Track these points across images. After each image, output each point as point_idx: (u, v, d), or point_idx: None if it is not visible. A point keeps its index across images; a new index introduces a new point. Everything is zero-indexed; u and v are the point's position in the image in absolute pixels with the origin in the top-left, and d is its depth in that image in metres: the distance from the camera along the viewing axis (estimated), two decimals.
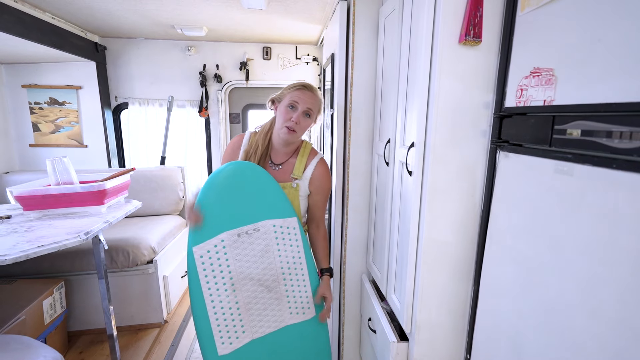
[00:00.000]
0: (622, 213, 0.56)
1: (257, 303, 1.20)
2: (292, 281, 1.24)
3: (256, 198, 1.20)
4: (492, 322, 0.94)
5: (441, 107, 0.96)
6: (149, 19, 2.37)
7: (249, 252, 1.18)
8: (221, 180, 1.17)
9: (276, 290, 1.22)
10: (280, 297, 1.23)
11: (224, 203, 1.16)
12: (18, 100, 2.83)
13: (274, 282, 1.21)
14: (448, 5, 0.90)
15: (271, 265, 1.21)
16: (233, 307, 1.16)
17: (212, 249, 1.14)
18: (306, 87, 1.25)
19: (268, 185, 1.21)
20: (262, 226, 1.19)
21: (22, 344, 1.28)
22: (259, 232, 1.18)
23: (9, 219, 1.53)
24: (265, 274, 1.20)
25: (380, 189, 1.51)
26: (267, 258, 1.20)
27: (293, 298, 1.25)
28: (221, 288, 1.15)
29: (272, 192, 1.22)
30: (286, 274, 1.23)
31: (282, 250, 1.22)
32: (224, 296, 1.15)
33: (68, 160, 1.69)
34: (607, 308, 0.58)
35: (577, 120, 0.65)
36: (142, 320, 2.20)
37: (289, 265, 1.23)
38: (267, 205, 1.21)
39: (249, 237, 1.17)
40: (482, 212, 1.01)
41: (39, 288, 1.79)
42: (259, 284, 1.19)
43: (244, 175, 1.19)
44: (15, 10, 1.91)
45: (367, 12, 1.52)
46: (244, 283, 1.18)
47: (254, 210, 1.19)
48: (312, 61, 3.15)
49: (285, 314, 1.24)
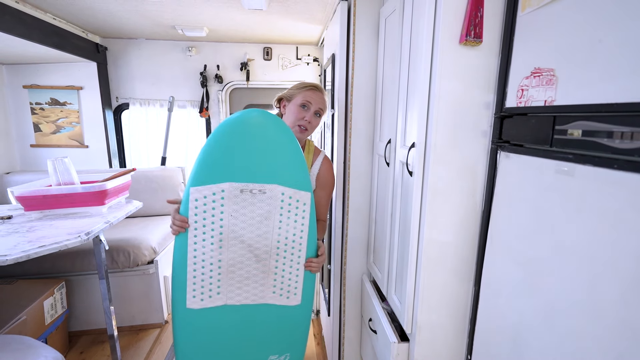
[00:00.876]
0: (623, 213, 0.56)
1: (241, 269, 1.11)
2: (285, 259, 1.13)
3: (273, 158, 1.07)
4: (492, 323, 0.94)
5: (442, 108, 0.96)
6: (150, 20, 2.37)
7: (248, 212, 1.07)
8: (239, 125, 1.03)
9: (265, 263, 1.12)
10: (268, 272, 1.13)
11: (235, 151, 1.03)
12: (19, 101, 2.84)
13: (265, 254, 1.11)
14: (448, 5, 0.90)
15: (267, 235, 1.10)
16: (214, 264, 1.08)
17: (210, 196, 1.04)
18: (317, 88, 1.31)
19: (290, 149, 1.08)
20: (269, 189, 1.07)
21: (23, 344, 1.28)
22: (264, 195, 1.07)
23: (10, 219, 1.53)
24: (259, 242, 1.10)
25: (380, 189, 1.51)
26: (265, 226, 1.09)
27: (281, 278, 1.15)
28: (207, 240, 1.06)
29: (293, 157, 1.09)
30: (281, 249, 1.12)
31: (284, 223, 1.10)
32: (207, 249, 1.06)
33: (69, 161, 1.70)
34: (609, 308, 0.58)
35: (578, 121, 0.65)
36: (143, 320, 2.21)
37: (287, 241, 1.12)
38: (283, 169, 1.08)
39: (252, 197, 1.06)
40: (483, 212, 1.01)
41: (39, 288, 1.80)
42: (248, 250, 1.09)
43: (267, 128, 1.05)
44: (17, 11, 1.92)
45: (368, 12, 1.52)
46: (233, 244, 1.08)
47: (267, 170, 1.06)
48: (312, 61, 3.15)
49: (267, 291, 1.15)
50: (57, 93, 2.86)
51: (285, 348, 1.23)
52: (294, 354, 1.25)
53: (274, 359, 1.23)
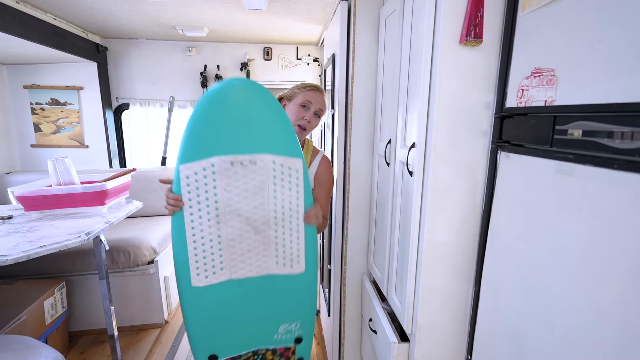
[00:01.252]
0: (623, 213, 0.56)
1: (242, 243, 1.09)
2: (284, 229, 1.12)
3: (259, 126, 1.03)
4: (493, 323, 0.94)
5: (442, 108, 0.96)
6: (150, 20, 2.37)
7: (241, 185, 1.05)
8: (221, 96, 1.00)
9: (265, 234, 1.10)
10: (268, 242, 1.11)
11: (220, 123, 1.00)
12: (19, 101, 2.84)
13: (263, 225, 1.09)
14: (449, 5, 0.90)
15: (263, 206, 1.08)
16: (214, 239, 1.07)
17: (200, 172, 1.01)
18: (318, 89, 1.33)
19: (276, 115, 1.05)
20: (260, 159, 1.04)
21: (23, 344, 1.28)
22: (256, 166, 1.04)
23: (10, 219, 1.53)
24: (255, 214, 1.08)
25: (381, 189, 1.51)
26: (260, 197, 1.07)
27: (282, 247, 1.13)
28: (204, 217, 1.04)
29: (280, 124, 1.05)
30: (279, 219, 1.10)
31: (278, 192, 1.08)
32: (205, 226, 1.05)
33: (69, 161, 1.70)
34: (609, 309, 0.58)
35: (578, 121, 0.65)
36: (143, 320, 2.20)
37: (284, 210, 1.10)
38: (271, 137, 1.05)
39: (243, 169, 1.04)
40: (483, 212, 1.01)
41: (40, 288, 1.80)
42: (246, 223, 1.08)
43: (250, 96, 1.01)
44: (17, 11, 1.92)
45: (368, 12, 1.52)
46: (230, 218, 1.06)
47: (255, 139, 1.04)
48: (312, 61, 3.15)
49: (270, 262, 1.13)
50: (57, 93, 2.86)
51: (295, 316, 1.22)
52: (304, 321, 1.24)
53: (285, 327, 1.21)
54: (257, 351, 1.21)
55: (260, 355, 1.22)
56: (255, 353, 1.21)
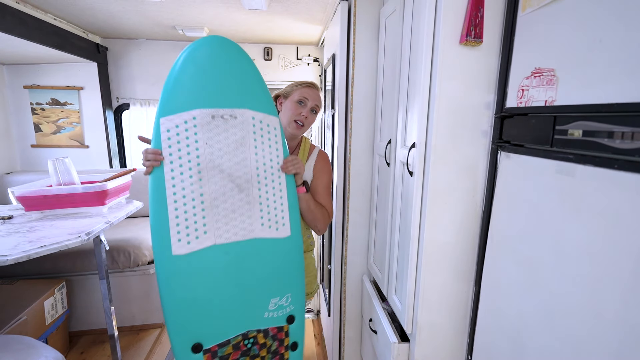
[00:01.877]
0: (623, 214, 0.56)
1: (226, 202, 1.04)
2: (267, 187, 1.10)
3: (238, 82, 1.06)
4: (493, 323, 0.94)
5: (442, 108, 0.96)
6: (151, 20, 2.37)
7: (223, 139, 1.04)
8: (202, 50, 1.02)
9: (248, 192, 1.07)
10: (253, 201, 1.07)
11: (201, 77, 1.01)
12: (20, 101, 2.84)
13: (246, 182, 1.07)
14: (449, 5, 0.90)
15: (246, 162, 1.06)
16: (197, 199, 1.00)
17: (182, 125, 0.99)
18: (313, 85, 1.34)
19: (252, 74, 1.10)
20: (240, 114, 1.05)
21: (24, 344, 1.29)
22: (236, 120, 1.05)
23: (10, 219, 1.53)
24: (239, 170, 1.06)
25: (381, 189, 1.51)
26: (242, 152, 1.06)
27: (267, 207, 1.09)
28: (185, 172, 0.99)
29: (257, 82, 1.10)
30: (261, 176, 1.09)
31: (259, 148, 1.08)
32: (187, 183, 0.99)
33: (69, 161, 1.70)
34: (609, 308, 0.58)
35: (578, 121, 0.65)
36: (143, 320, 2.21)
37: (266, 168, 1.09)
38: (249, 94, 1.08)
39: (224, 123, 1.03)
40: (483, 212, 1.01)
41: (40, 288, 1.80)
42: (229, 180, 1.04)
43: (229, 52, 1.05)
44: (17, 12, 1.92)
45: (368, 12, 1.52)
46: (213, 174, 1.03)
47: (235, 94, 1.05)
48: (313, 62, 3.15)
49: (255, 224, 1.08)
50: (57, 93, 2.86)
51: (285, 288, 1.14)
52: (295, 293, 1.16)
53: (276, 302, 1.13)
54: (246, 334, 1.10)
55: (251, 339, 1.11)
56: (246, 337, 1.10)
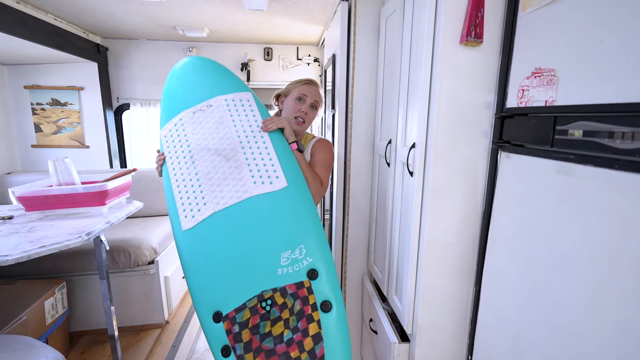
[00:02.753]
0: (623, 214, 0.56)
1: (217, 173, 1.16)
2: (251, 149, 1.18)
3: (208, 80, 1.31)
4: (493, 323, 0.93)
5: (442, 108, 0.96)
6: (151, 20, 2.37)
7: (204, 125, 1.23)
8: (178, 72, 1.35)
9: (235, 159, 1.17)
10: (241, 165, 1.15)
11: (181, 90, 1.31)
12: (20, 101, 2.84)
13: (232, 151, 1.18)
14: (449, 5, 0.90)
15: (227, 135, 1.21)
16: (193, 178, 1.17)
17: (173, 128, 1.25)
18: (312, 82, 1.37)
19: (216, 69, 1.34)
20: (214, 102, 1.26)
21: (24, 344, 1.28)
22: (212, 108, 1.25)
23: (11, 220, 1.53)
24: (223, 144, 1.20)
25: (381, 189, 1.51)
26: (223, 129, 1.22)
27: (255, 166, 1.14)
28: (181, 160, 1.20)
29: (221, 73, 1.33)
30: (244, 142, 1.19)
31: (236, 121, 1.23)
32: (184, 168, 1.18)
33: (70, 161, 1.70)
34: (610, 308, 0.58)
35: (578, 121, 0.65)
36: (144, 320, 2.20)
37: (247, 134, 1.21)
38: (217, 84, 1.30)
39: (203, 113, 1.25)
40: (484, 212, 1.01)
41: (40, 288, 1.80)
42: (216, 154, 1.18)
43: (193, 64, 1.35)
44: (18, 12, 1.92)
45: (368, 12, 1.52)
46: (202, 154, 1.19)
47: (206, 90, 1.29)
48: (313, 62, 3.15)
49: (248, 183, 1.12)
50: (58, 93, 2.86)
51: (294, 240, 1.06)
52: (309, 243, 1.06)
53: (288, 255, 1.05)
54: (262, 295, 1.02)
55: (268, 299, 1.02)
56: (262, 298, 1.02)
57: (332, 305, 1.02)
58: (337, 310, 1.02)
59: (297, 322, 1.00)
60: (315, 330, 0.98)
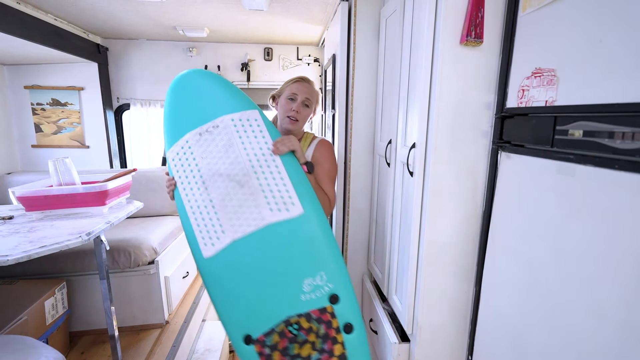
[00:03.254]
0: (623, 214, 0.56)
1: (232, 200, 1.13)
2: (264, 174, 1.14)
3: (212, 98, 1.22)
4: (493, 323, 0.93)
5: (442, 108, 0.96)
6: (151, 20, 2.38)
7: (213, 148, 1.18)
8: (178, 88, 1.23)
9: (249, 185, 1.13)
10: (255, 192, 1.13)
11: (184, 108, 1.22)
12: (20, 101, 2.84)
13: (244, 177, 1.14)
14: (449, 6, 0.90)
15: (238, 160, 1.16)
16: (208, 205, 1.14)
17: (180, 151, 1.19)
18: (303, 80, 1.35)
19: (220, 84, 1.23)
20: (220, 122, 1.19)
21: (24, 345, 1.28)
22: (219, 129, 1.18)
23: (11, 220, 1.53)
24: (234, 169, 1.15)
25: (381, 189, 1.51)
26: (232, 152, 1.17)
27: (270, 192, 1.12)
28: (194, 187, 1.16)
29: (225, 89, 1.23)
30: (256, 167, 1.15)
31: (246, 143, 1.17)
32: (197, 195, 1.15)
33: (70, 161, 1.70)
34: (610, 308, 0.58)
35: (579, 121, 0.65)
36: (144, 320, 2.20)
37: (258, 157, 1.16)
38: (222, 102, 1.21)
39: (210, 135, 1.18)
40: (484, 212, 1.01)
41: (40, 288, 1.80)
42: (229, 180, 1.14)
43: (194, 79, 1.24)
44: (18, 12, 1.92)
45: (368, 13, 1.52)
46: (215, 180, 1.15)
47: (211, 109, 1.21)
48: (313, 62, 3.15)
49: (264, 211, 1.11)
50: (58, 93, 2.86)
51: (315, 266, 1.10)
52: (330, 270, 1.10)
53: (310, 282, 1.10)
54: (288, 320, 1.08)
55: (295, 324, 1.09)
56: (288, 323, 1.08)
57: (353, 327, 1.08)
58: (359, 331, 1.07)
59: (323, 344, 1.07)
60: (340, 351, 1.06)
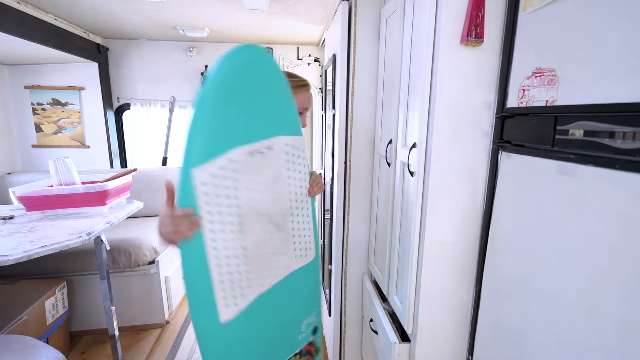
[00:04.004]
0: (625, 214, 0.56)
1: (266, 246, 0.89)
2: (298, 217, 0.97)
3: (270, 103, 0.85)
4: (494, 323, 0.93)
5: (443, 108, 0.96)
6: (151, 20, 2.38)
7: (261, 177, 0.84)
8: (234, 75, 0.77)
9: (284, 228, 0.93)
10: (287, 237, 0.95)
11: (235, 107, 0.77)
12: (21, 101, 2.85)
13: (282, 219, 0.92)
14: (449, 5, 0.90)
15: (280, 197, 0.91)
16: (239, 254, 0.82)
17: (219, 173, 0.76)
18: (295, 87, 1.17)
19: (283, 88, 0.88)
20: (275, 144, 0.86)
21: (25, 344, 1.29)
22: (272, 152, 0.86)
23: (11, 220, 1.53)
24: (275, 208, 0.90)
25: (381, 189, 1.51)
26: (278, 186, 0.89)
27: (299, 238, 0.98)
28: (227, 229, 0.79)
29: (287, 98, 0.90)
30: (293, 207, 0.95)
31: (291, 178, 0.93)
32: (229, 240, 0.80)
33: (70, 161, 1.70)
34: (610, 309, 0.58)
35: (579, 121, 0.65)
36: (144, 320, 2.21)
37: (297, 197, 0.95)
38: (281, 115, 0.89)
39: (262, 158, 0.83)
40: (484, 212, 1.00)
41: (41, 288, 1.80)
42: (268, 221, 0.88)
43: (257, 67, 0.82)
44: (18, 12, 1.92)
45: (369, 12, 1.52)
46: (253, 221, 0.84)
47: (268, 119, 0.84)
48: (313, 62, 3.15)
49: (291, 258, 0.97)
50: (58, 93, 2.87)
51: (313, 307, 1.10)
52: (318, 307, 1.13)
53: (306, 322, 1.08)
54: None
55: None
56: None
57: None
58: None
59: None
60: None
